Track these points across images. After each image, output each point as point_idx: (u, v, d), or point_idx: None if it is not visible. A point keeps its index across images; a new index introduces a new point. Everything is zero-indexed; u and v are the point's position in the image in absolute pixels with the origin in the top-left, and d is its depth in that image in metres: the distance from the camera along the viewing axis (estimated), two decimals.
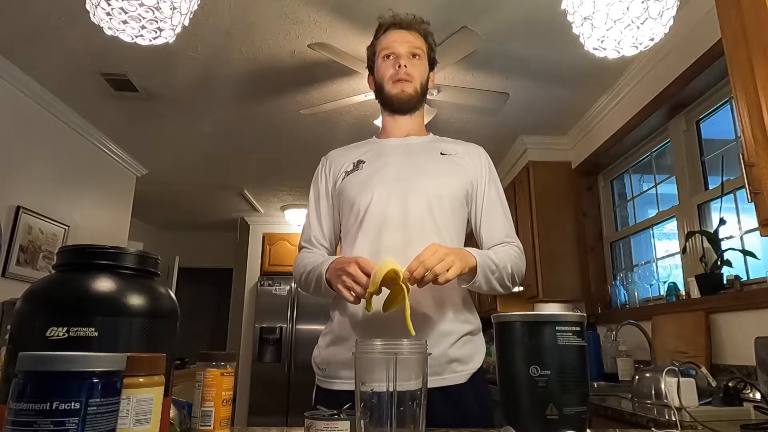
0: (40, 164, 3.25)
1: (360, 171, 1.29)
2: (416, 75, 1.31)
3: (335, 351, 1.20)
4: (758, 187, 1.36)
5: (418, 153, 1.30)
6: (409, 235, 1.18)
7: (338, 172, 1.33)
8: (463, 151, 1.33)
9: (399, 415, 0.71)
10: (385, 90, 1.32)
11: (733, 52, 1.49)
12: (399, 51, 1.30)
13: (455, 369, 1.15)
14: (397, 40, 1.31)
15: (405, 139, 1.35)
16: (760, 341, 1.66)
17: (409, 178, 1.24)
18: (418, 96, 1.32)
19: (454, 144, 1.36)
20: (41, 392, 0.49)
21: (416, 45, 1.32)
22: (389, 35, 1.33)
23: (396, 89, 1.30)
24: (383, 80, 1.32)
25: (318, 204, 1.36)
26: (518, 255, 1.25)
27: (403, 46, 1.30)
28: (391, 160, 1.29)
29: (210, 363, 0.85)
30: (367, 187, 1.24)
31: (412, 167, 1.26)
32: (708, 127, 2.62)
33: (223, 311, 7.07)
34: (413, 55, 1.31)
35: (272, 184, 5.06)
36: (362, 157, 1.32)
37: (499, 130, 3.65)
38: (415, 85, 1.31)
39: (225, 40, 2.62)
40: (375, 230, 1.20)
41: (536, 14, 2.39)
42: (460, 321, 1.19)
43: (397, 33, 1.32)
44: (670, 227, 2.88)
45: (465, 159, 1.31)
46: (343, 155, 1.37)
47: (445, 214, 1.22)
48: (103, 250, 0.73)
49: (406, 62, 1.29)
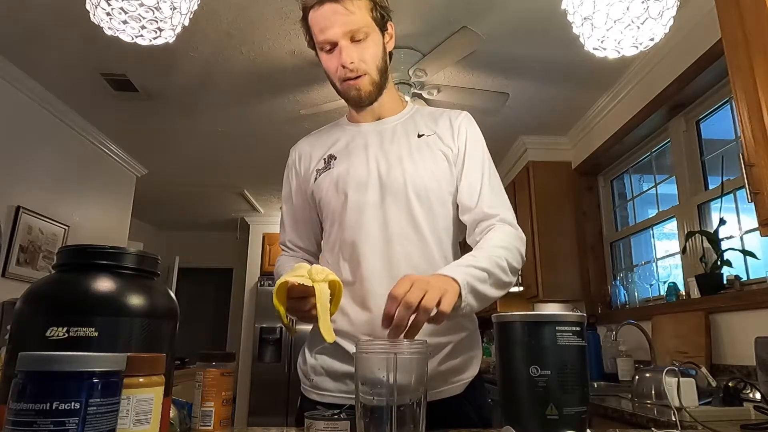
0: (40, 164, 3.25)
1: (332, 169, 1.15)
2: (368, 60, 1.09)
3: (323, 361, 1.12)
4: (758, 187, 1.36)
5: (393, 139, 1.16)
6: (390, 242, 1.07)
7: (309, 170, 1.21)
8: (442, 126, 1.17)
9: (399, 416, 0.71)
10: (338, 88, 1.14)
11: (733, 52, 1.49)
12: (336, 39, 1.06)
13: (451, 380, 1.07)
14: (328, 25, 1.05)
15: (378, 123, 1.19)
16: (760, 341, 1.66)
17: (385, 175, 1.10)
18: (378, 84, 1.12)
19: (434, 118, 1.20)
20: (41, 392, 0.49)
21: (355, 23, 1.05)
22: (318, 19, 1.07)
23: (351, 91, 1.11)
24: (332, 78, 1.13)
25: (290, 204, 1.26)
26: (508, 234, 1.06)
27: (338, 31, 1.05)
28: (363, 152, 1.15)
29: (210, 363, 0.85)
30: (340, 189, 1.12)
31: (388, 160, 1.12)
32: (708, 127, 2.62)
33: (223, 311, 7.07)
34: (356, 39, 1.07)
35: (272, 184, 5.06)
36: (333, 150, 1.19)
37: (499, 130, 3.65)
38: (371, 76, 1.10)
39: (225, 40, 2.62)
40: (350, 238, 1.09)
41: (536, 14, 2.39)
42: (454, 329, 1.08)
43: (325, 14, 1.05)
44: (670, 227, 2.88)
45: (445, 135, 1.15)
46: (313, 146, 1.24)
47: (429, 211, 1.10)
48: (103, 250, 0.73)
49: (350, 55, 1.06)
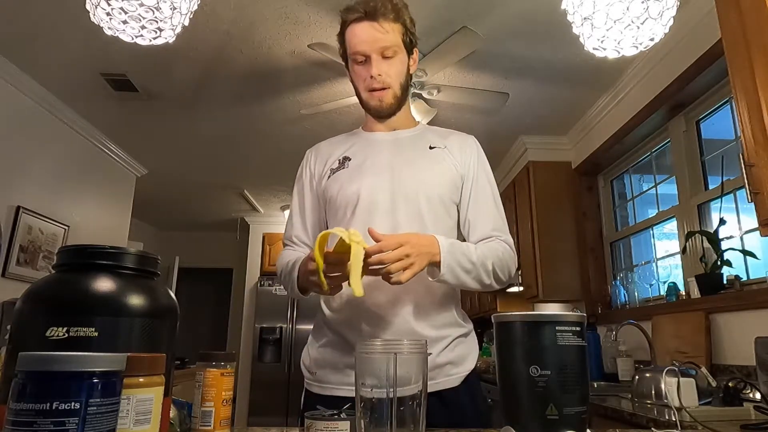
0: (40, 164, 3.26)
1: (346, 170, 1.23)
2: (393, 76, 1.21)
3: (325, 354, 1.17)
4: (758, 187, 1.36)
5: (406, 147, 1.25)
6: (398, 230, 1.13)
7: (324, 169, 1.28)
8: (452, 143, 1.27)
9: (399, 415, 0.71)
10: (362, 98, 1.25)
11: (733, 52, 1.49)
12: (368, 53, 1.18)
13: (449, 372, 1.13)
14: (364, 39, 1.18)
15: (392, 133, 1.29)
16: (760, 341, 1.66)
17: (397, 175, 1.19)
18: (398, 99, 1.24)
19: (444, 135, 1.30)
20: (41, 392, 0.49)
21: (387, 42, 1.18)
22: (356, 32, 1.19)
23: (374, 101, 1.23)
24: (359, 87, 1.24)
25: (302, 200, 1.31)
26: (505, 251, 1.18)
27: (372, 46, 1.18)
28: (378, 155, 1.23)
29: (210, 363, 0.85)
30: (354, 181, 1.19)
31: (400, 162, 1.21)
32: (708, 127, 2.62)
33: (223, 311, 7.07)
34: (386, 56, 1.19)
35: (272, 184, 5.06)
36: (348, 153, 1.27)
37: (499, 130, 3.65)
38: (394, 90, 1.22)
39: (225, 40, 2.62)
40: (362, 223, 1.13)
41: (536, 14, 2.39)
42: (452, 326, 1.17)
43: (363, 30, 1.18)
44: (670, 227, 2.88)
45: (454, 151, 1.25)
46: (329, 150, 1.31)
47: (435, 211, 1.18)
48: (103, 250, 0.73)
49: (379, 68, 1.18)
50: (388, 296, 1.12)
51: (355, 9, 1.19)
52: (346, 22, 1.21)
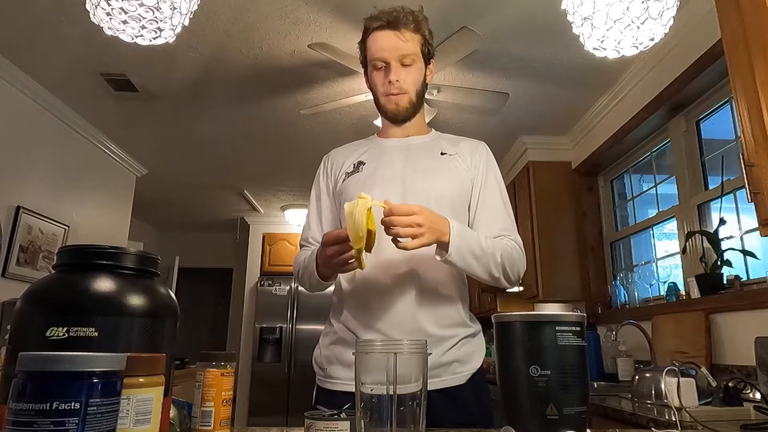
0: (40, 164, 3.26)
1: (360, 173, 1.28)
2: (410, 83, 1.26)
3: (335, 351, 1.21)
4: (758, 187, 1.36)
5: (419, 153, 1.29)
6: None
7: (339, 173, 1.32)
8: (463, 149, 1.31)
9: (399, 415, 0.71)
10: (380, 102, 1.30)
11: (733, 52, 1.49)
12: (388, 59, 1.24)
13: (455, 370, 1.16)
14: (385, 47, 1.23)
15: (405, 139, 1.33)
16: (760, 341, 1.66)
17: (409, 179, 1.23)
18: (414, 105, 1.29)
19: (455, 142, 1.34)
20: (41, 392, 0.49)
21: (406, 50, 1.24)
22: (377, 40, 1.25)
23: (390, 105, 1.27)
24: (377, 91, 1.29)
25: (319, 203, 1.35)
26: (514, 249, 1.21)
27: (392, 53, 1.23)
28: (391, 160, 1.28)
29: (210, 363, 0.85)
30: (367, 186, 1.23)
31: (412, 167, 1.25)
32: (708, 127, 2.62)
33: (223, 311, 7.07)
34: (404, 63, 1.24)
35: (272, 184, 5.06)
36: (362, 158, 1.32)
37: (499, 130, 3.65)
38: (410, 96, 1.27)
39: (225, 40, 2.62)
40: None
41: (536, 14, 2.39)
42: (459, 326, 1.20)
43: (385, 37, 1.24)
44: (670, 227, 2.88)
45: (465, 157, 1.29)
46: (344, 155, 1.36)
47: (445, 215, 1.20)
48: (103, 250, 0.73)
49: (397, 74, 1.24)
50: (396, 292, 1.15)
51: (378, 18, 1.24)
52: (368, 30, 1.27)
